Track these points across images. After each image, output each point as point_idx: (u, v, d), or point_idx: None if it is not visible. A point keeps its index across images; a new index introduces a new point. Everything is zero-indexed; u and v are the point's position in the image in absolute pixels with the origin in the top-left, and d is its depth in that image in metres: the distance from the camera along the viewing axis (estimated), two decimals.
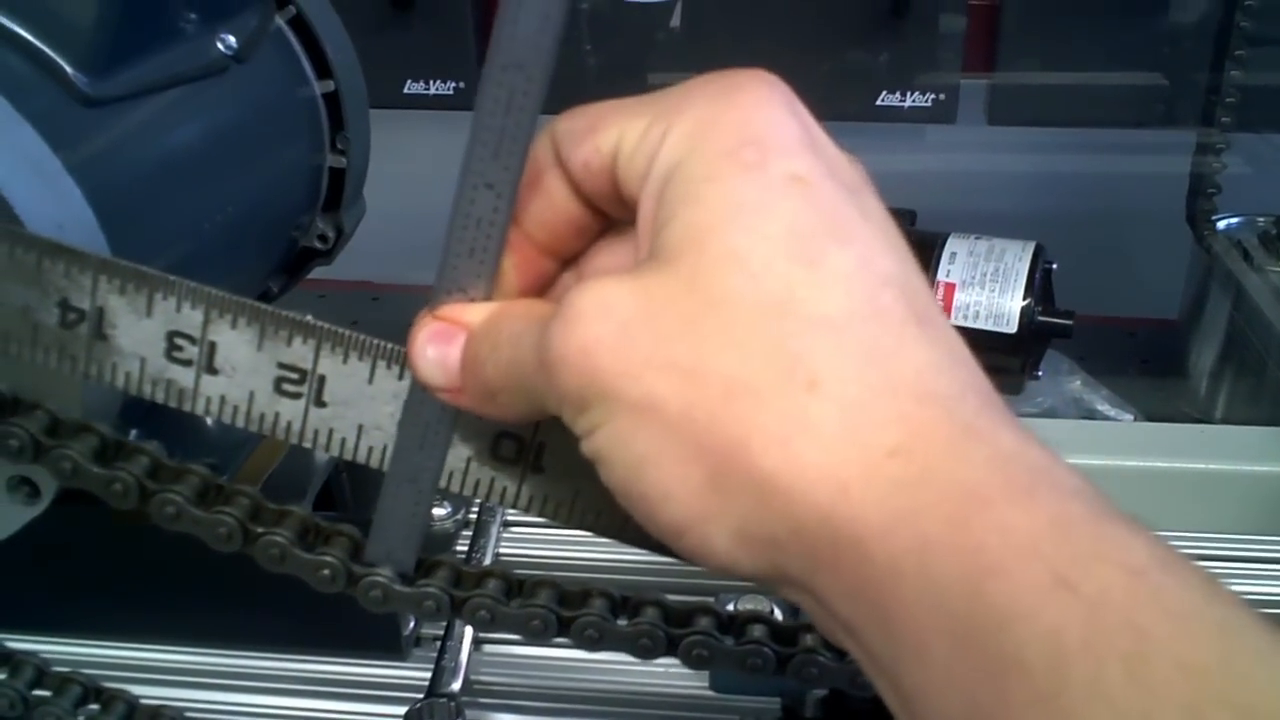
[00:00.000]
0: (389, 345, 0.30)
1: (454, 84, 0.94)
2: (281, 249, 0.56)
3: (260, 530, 0.33)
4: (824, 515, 0.21)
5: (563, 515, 0.31)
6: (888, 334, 0.22)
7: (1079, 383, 0.88)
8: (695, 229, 0.23)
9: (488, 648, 0.50)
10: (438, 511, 0.54)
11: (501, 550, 0.55)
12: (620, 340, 0.23)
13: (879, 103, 0.91)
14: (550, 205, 0.27)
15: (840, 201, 0.24)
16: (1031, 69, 0.92)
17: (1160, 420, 0.86)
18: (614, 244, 0.28)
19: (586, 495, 0.31)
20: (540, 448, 0.30)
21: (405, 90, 0.94)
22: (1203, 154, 0.89)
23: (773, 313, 0.22)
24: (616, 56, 0.97)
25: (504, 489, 0.31)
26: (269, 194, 0.53)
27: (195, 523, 0.33)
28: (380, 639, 0.48)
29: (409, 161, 0.96)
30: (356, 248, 0.62)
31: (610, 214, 0.28)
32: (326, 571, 0.32)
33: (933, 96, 0.91)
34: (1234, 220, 0.93)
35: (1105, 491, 0.21)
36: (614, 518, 0.31)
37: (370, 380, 0.30)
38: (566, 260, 0.29)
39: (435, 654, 0.48)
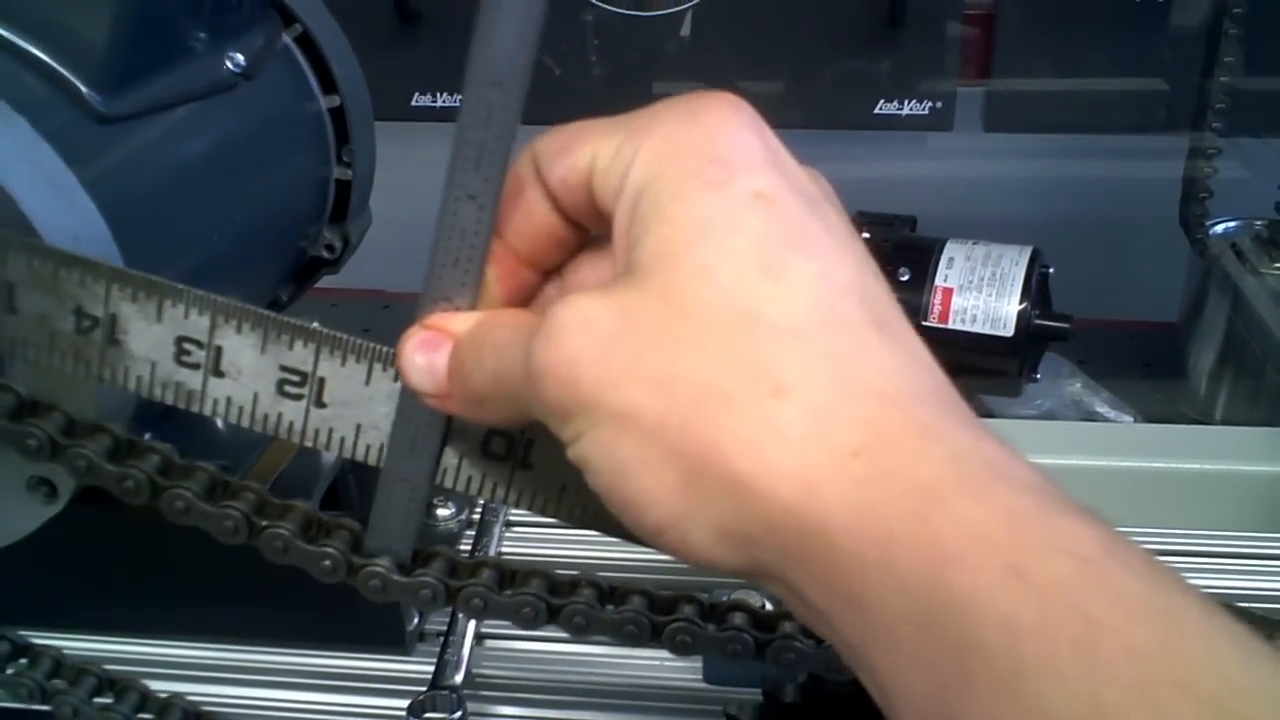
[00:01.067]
0: (384, 348, 0.32)
1: (460, 97, 0.95)
2: (290, 258, 0.58)
3: (265, 524, 0.34)
4: (792, 512, 0.23)
5: (550, 509, 0.32)
6: (849, 340, 0.24)
7: (1079, 385, 0.89)
8: (667, 246, 0.24)
9: (489, 643, 0.51)
10: (442, 512, 0.56)
11: (504, 549, 0.57)
12: (600, 353, 0.24)
13: (877, 111, 0.93)
14: (531, 219, 0.29)
15: (802, 215, 0.25)
16: (1027, 76, 0.93)
17: (1160, 422, 0.86)
18: (594, 257, 0.30)
19: (573, 490, 0.32)
20: (529, 445, 0.32)
21: (413, 103, 0.96)
22: (1194, 158, 0.90)
23: (741, 323, 0.24)
24: (623, 67, 0.99)
25: (494, 485, 0.32)
26: (277, 206, 0.55)
27: (204, 517, 0.34)
28: (385, 634, 0.50)
29: (417, 172, 0.97)
30: (368, 256, 0.64)
31: (589, 227, 0.29)
32: (328, 562, 0.34)
33: (930, 104, 0.92)
34: (1231, 224, 0.94)
35: (1095, 488, 0.23)
36: (600, 511, 0.32)
37: (367, 382, 0.32)
38: (548, 271, 0.30)
39: (438, 648, 0.49)
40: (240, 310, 0.32)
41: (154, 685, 0.43)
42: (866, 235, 0.67)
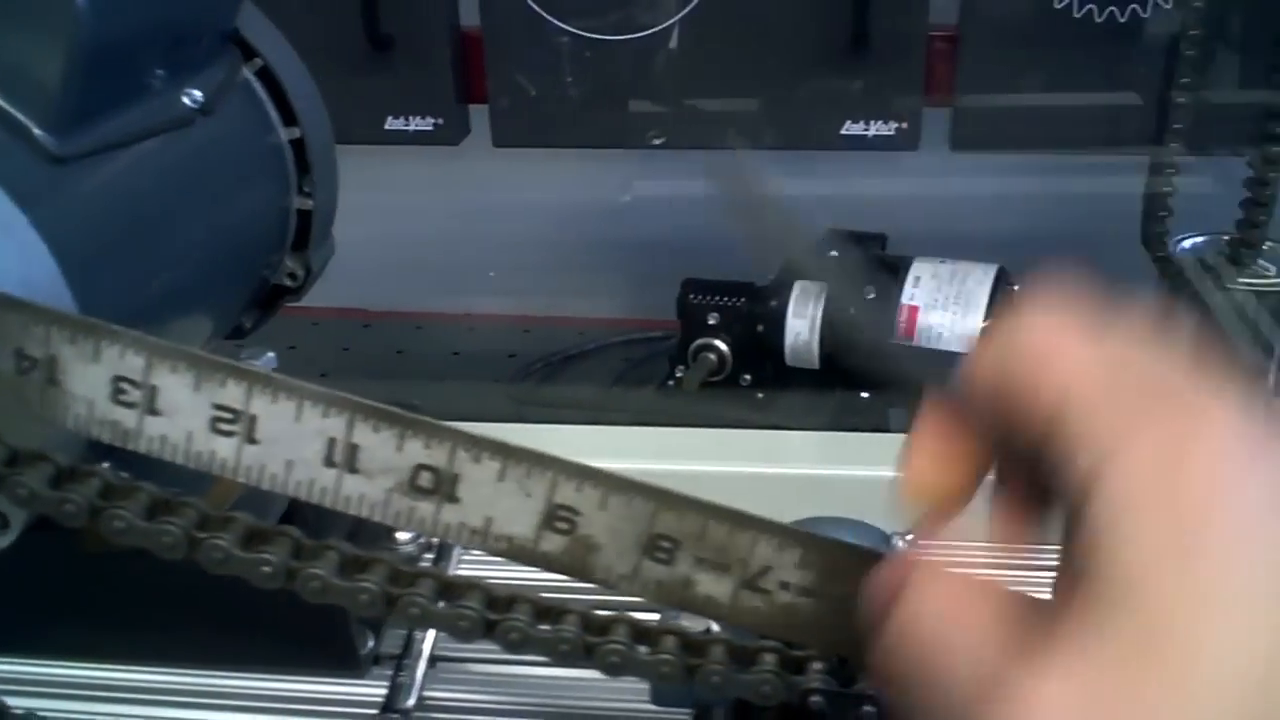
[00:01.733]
0: (312, 386, 0.33)
1: (433, 120, 0.97)
2: (253, 287, 0.59)
3: (204, 536, 0.35)
4: None
5: (476, 541, 0.33)
6: None
7: None
8: (1158, 608, 0.20)
9: (442, 665, 0.52)
10: (401, 536, 0.57)
11: (461, 572, 0.57)
12: None
13: (843, 131, 0.94)
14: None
15: None
16: (992, 93, 0.94)
17: None
18: None
19: (498, 523, 0.33)
20: (455, 479, 0.33)
21: (386, 126, 0.97)
22: (1156, 175, 0.91)
23: None
24: (600, 87, 0.99)
25: (422, 519, 0.33)
26: (239, 237, 0.56)
27: (143, 534, 0.35)
28: (339, 657, 0.51)
29: (391, 193, 0.99)
30: (346, 276, 0.65)
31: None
32: (267, 568, 0.35)
33: (896, 125, 0.93)
34: (1199, 239, 0.95)
35: None
36: (524, 543, 0.33)
37: (297, 419, 0.33)
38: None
39: (391, 671, 0.50)
40: (174, 350, 0.33)
41: (104, 709, 0.44)
42: (835, 253, 0.68)
